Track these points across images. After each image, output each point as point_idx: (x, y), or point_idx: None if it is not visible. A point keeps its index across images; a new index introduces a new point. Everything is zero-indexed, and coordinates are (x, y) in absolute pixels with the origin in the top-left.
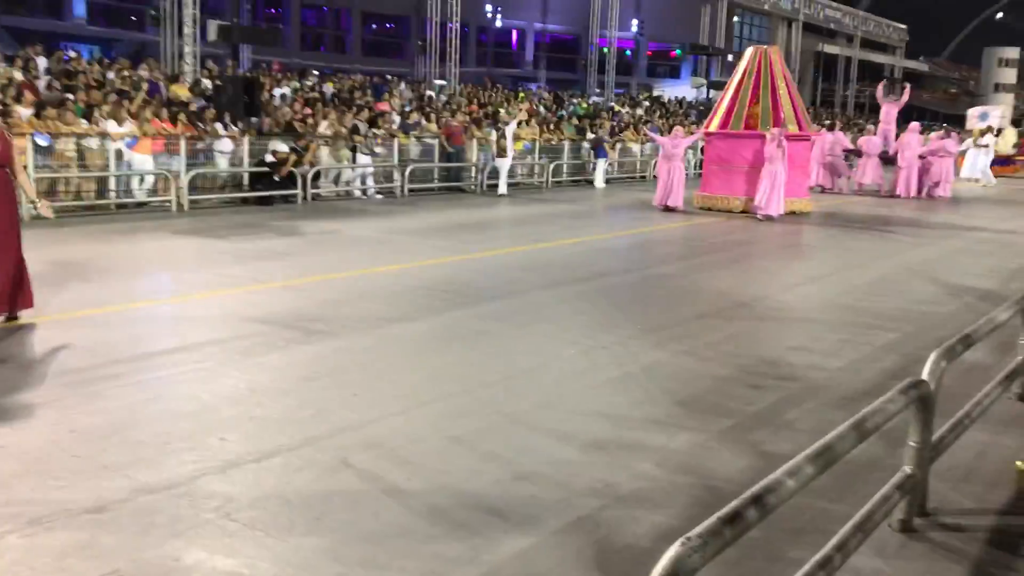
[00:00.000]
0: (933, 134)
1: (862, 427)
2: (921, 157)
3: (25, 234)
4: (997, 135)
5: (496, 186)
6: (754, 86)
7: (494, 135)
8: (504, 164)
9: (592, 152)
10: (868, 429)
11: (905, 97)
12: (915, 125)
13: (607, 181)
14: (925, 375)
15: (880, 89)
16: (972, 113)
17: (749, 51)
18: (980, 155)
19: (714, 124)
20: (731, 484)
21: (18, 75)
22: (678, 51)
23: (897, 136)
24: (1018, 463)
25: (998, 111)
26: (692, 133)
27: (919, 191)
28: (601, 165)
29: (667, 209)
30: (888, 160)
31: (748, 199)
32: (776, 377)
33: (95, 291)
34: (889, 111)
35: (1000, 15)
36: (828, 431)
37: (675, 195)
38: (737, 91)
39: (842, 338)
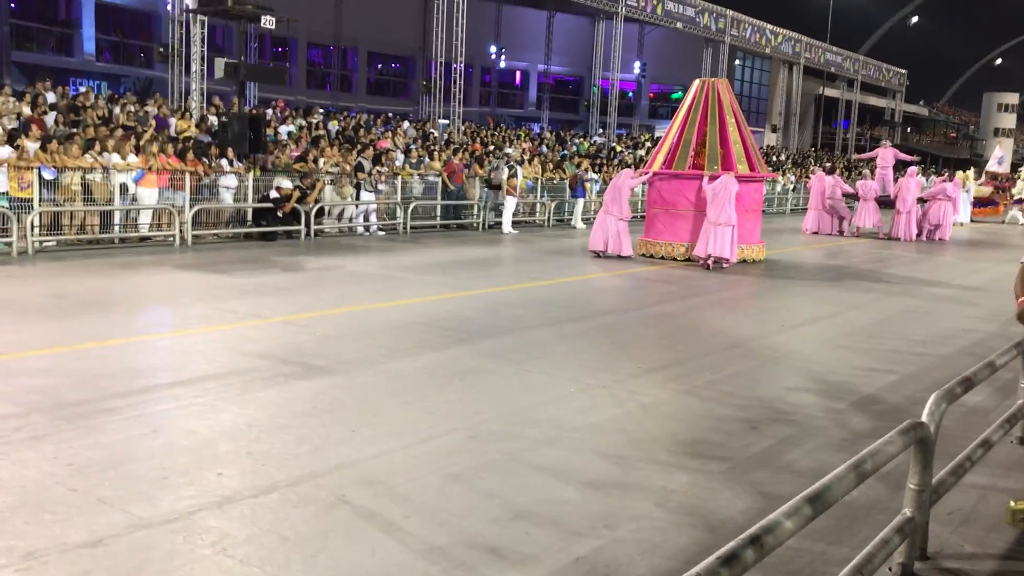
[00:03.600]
0: (936, 178)
1: (861, 469)
2: (922, 201)
3: (28, 266)
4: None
5: (500, 224)
6: (700, 121)
7: (505, 173)
8: (510, 202)
9: (570, 192)
10: (867, 471)
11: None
12: (913, 170)
13: (585, 221)
14: (924, 417)
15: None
16: (992, 156)
17: (695, 83)
18: (965, 198)
19: (657, 163)
20: (730, 525)
21: (27, 110)
22: (678, 93)
23: (895, 180)
24: (1011, 503)
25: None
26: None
27: (919, 234)
28: (579, 205)
29: (598, 255)
30: (887, 203)
31: (692, 246)
32: (775, 418)
33: (95, 324)
34: (886, 155)
35: (999, 61)
36: (827, 472)
37: (620, 241)
38: (683, 128)
39: (840, 379)
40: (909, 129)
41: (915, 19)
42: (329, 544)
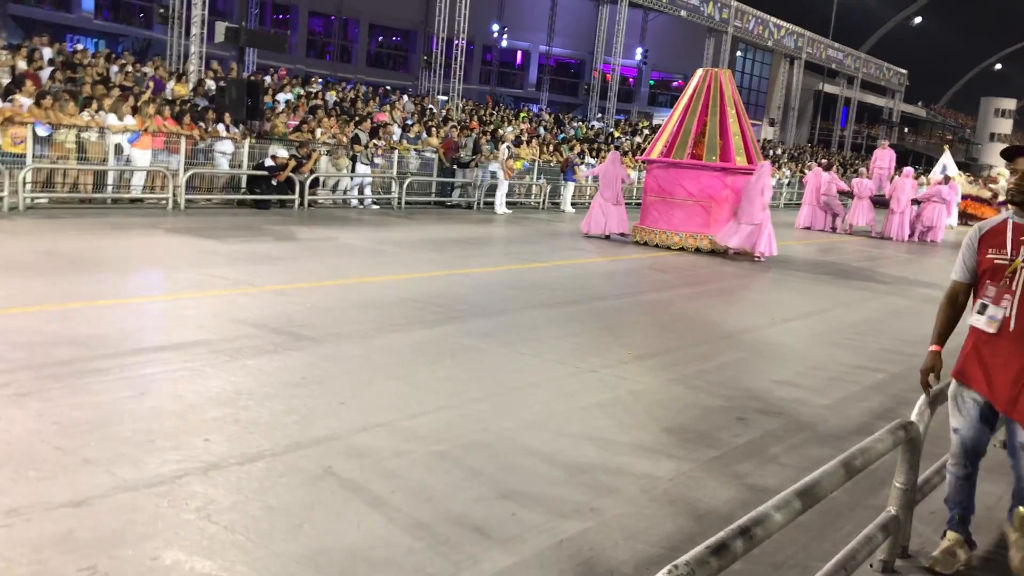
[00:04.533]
0: (929, 177)
1: (850, 465)
2: (916, 202)
3: (19, 223)
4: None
5: (492, 203)
6: (701, 111)
7: (506, 154)
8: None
9: (561, 175)
10: (856, 467)
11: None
12: (908, 170)
13: (573, 205)
14: (914, 417)
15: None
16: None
17: (698, 72)
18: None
19: (656, 151)
20: (714, 515)
21: (22, 64)
22: (680, 80)
23: (891, 179)
24: (1020, 508)
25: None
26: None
27: (911, 235)
28: (569, 189)
29: (606, 238)
30: (881, 203)
31: (688, 235)
32: (763, 410)
33: (85, 284)
34: (883, 155)
35: (999, 66)
36: (813, 467)
37: (619, 221)
38: (683, 116)
39: (829, 375)
40: (906, 129)
41: (918, 20)
42: (314, 515)
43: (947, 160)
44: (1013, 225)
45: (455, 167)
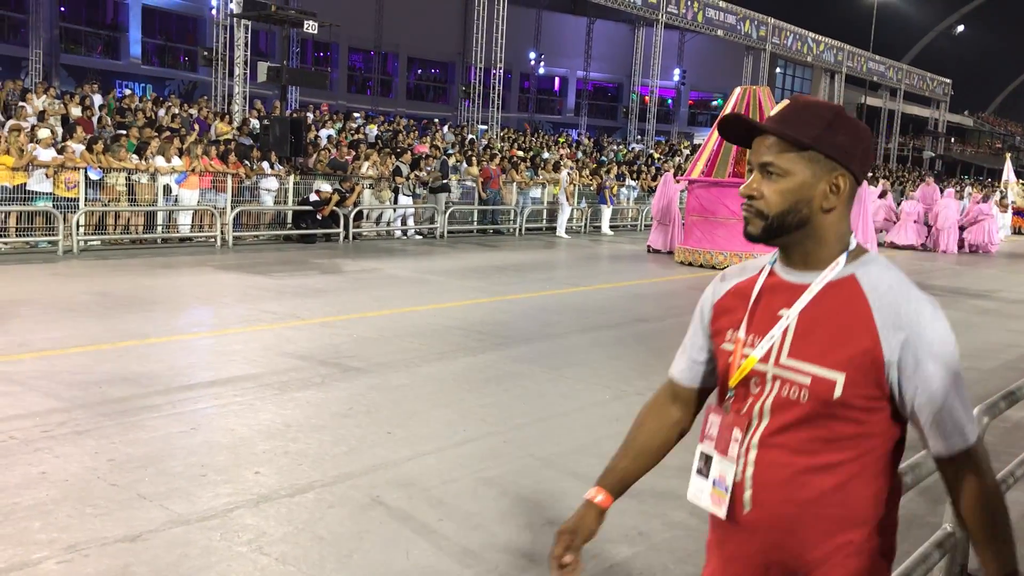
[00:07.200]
0: (968, 196)
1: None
2: (962, 228)
3: (72, 265)
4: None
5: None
6: None
7: (567, 179)
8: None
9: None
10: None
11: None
12: (949, 191)
13: (612, 228)
14: None
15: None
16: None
17: (737, 90)
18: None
19: (697, 170)
20: None
21: (75, 111)
22: (719, 100)
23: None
24: None
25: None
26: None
27: (961, 247)
28: (605, 212)
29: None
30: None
31: (733, 254)
32: None
33: (137, 322)
34: (928, 191)
35: None
36: None
37: (658, 239)
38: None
39: None
40: (952, 140)
41: (961, 28)
42: (363, 544)
43: (1007, 168)
44: (766, 282)
45: (430, 192)
